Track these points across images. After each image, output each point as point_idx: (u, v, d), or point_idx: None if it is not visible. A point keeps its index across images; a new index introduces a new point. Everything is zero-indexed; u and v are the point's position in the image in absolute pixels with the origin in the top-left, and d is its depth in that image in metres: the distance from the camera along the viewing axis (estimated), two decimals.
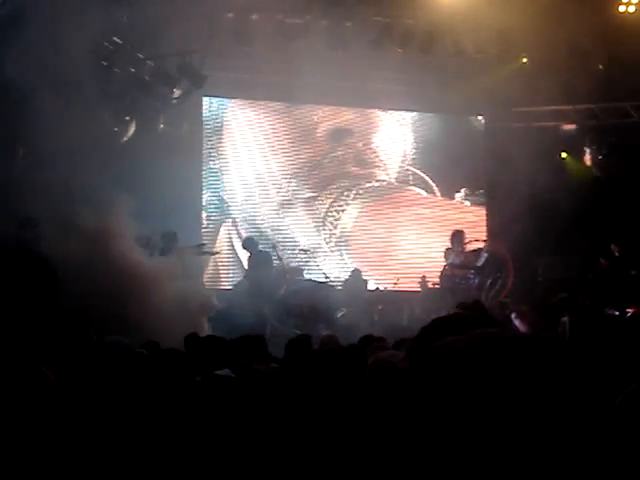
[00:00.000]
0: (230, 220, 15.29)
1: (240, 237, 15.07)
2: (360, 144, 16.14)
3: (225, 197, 15.29)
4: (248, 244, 13.69)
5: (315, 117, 15.93)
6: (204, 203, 15.06)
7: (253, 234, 14.75)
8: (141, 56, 12.81)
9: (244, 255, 14.18)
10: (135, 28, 12.16)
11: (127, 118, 13.22)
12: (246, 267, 13.83)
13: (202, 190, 15.04)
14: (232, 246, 15.16)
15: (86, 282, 9.54)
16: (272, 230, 15.09)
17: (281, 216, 15.47)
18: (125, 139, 13.08)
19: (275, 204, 15.51)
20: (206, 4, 12.70)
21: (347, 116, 16.13)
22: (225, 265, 15.01)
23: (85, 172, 10.23)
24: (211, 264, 14.72)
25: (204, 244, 13.82)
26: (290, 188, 15.64)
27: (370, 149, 16.22)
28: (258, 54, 13.68)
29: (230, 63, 14.07)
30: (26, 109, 10.43)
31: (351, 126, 16.16)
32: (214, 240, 15.01)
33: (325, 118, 15.99)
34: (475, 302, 10.23)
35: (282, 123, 15.75)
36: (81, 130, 10.46)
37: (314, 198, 15.70)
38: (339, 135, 16.02)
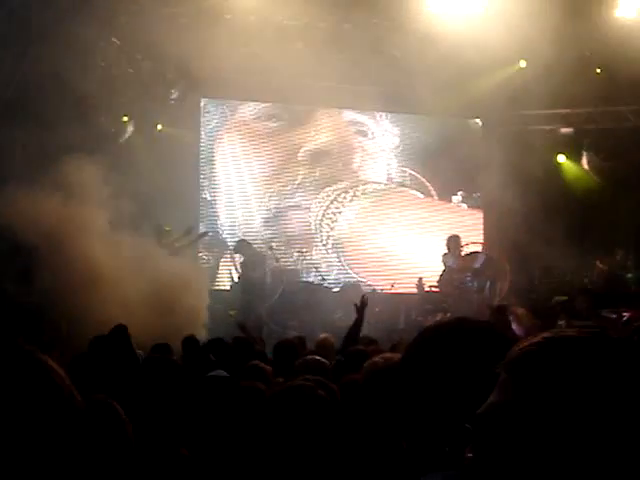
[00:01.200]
0: (227, 221, 15.28)
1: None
2: (356, 146, 16.15)
3: (222, 198, 15.28)
4: (239, 248, 13.62)
5: (312, 117, 15.95)
6: (201, 204, 15.04)
7: (249, 236, 14.76)
8: (139, 57, 12.80)
9: (237, 258, 14.21)
10: (133, 29, 12.16)
11: (125, 119, 13.22)
12: (239, 270, 13.78)
13: (199, 191, 15.03)
14: (227, 247, 15.14)
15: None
16: (269, 231, 15.06)
17: (278, 217, 15.46)
18: (123, 140, 13.08)
19: (272, 205, 15.50)
20: (204, 5, 12.70)
21: (349, 117, 16.17)
22: (221, 266, 14.96)
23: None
24: (207, 264, 14.67)
25: (192, 228, 13.64)
26: (287, 190, 15.63)
27: (366, 152, 16.23)
28: (256, 56, 13.66)
29: (228, 65, 14.06)
30: (25, 109, 10.46)
31: (347, 128, 16.19)
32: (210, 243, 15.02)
33: (321, 118, 16.02)
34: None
35: (277, 125, 15.75)
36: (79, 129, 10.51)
37: (311, 200, 15.70)
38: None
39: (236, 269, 13.65)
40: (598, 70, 14.42)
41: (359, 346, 5.74)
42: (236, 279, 13.72)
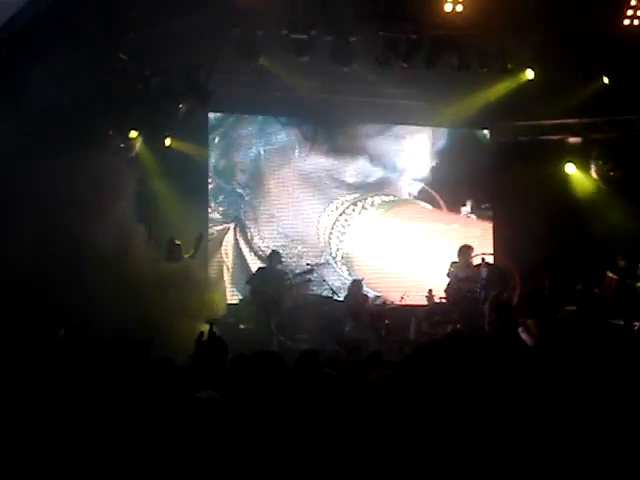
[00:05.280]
0: (237, 235, 15.31)
1: (252, 248, 15.18)
2: (364, 159, 16.17)
3: (230, 212, 15.31)
4: (274, 256, 13.64)
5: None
6: (210, 217, 15.07)
7: (258, 249, 14.84)
8: (147, 72, 12.86)
9: (254, 264, 14.38)
10: (141, 44, 12.22)
11: (134, 134, 13.28)
12: (251, 276, 13.76)
13: (208, 204, 15.07)
14: (237, 259, 15.17)
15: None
16: (277, 245, 15.06)
17: (287, 230, 15.48)
18: (132, 155, 13.14)
19: (280, 219, 15.52)
20: (212, 20, 12.75)
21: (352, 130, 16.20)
22: (228, 280, 14.96)
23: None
24: (215, 276, 14.69)
25: (202, 235, 13.75)
26: (295, 202, 15.65)
27: (374, 164, 16.24)
28: (263, 70, 13.72)
29: (235, 79, 14.12)
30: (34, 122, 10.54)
31: (357, 140, 16.22)
32: (218, 253, 15.06)
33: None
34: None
35: (285, 137, 15.79)
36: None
37: (320, 213, 15.72)
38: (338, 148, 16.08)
39: (249, 281, 13.64)
40: (606, 79, 14.41)
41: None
42: (248, 292, 13.68)
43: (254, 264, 14.80)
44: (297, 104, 14.94)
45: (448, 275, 13.46)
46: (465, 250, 13.62)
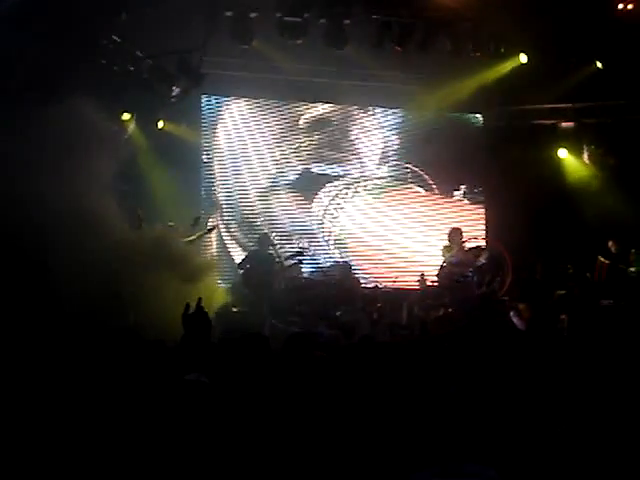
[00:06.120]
0: (226, 218, 15.30)
1: (234, 236, 15.15)
2: (356, 141, 16.16)
3: (221, 195, 15.29)
4: (264, 240, 13.60)
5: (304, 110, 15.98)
6: (202, 200, 15.05)
7: (249, 232, 14.83)
8: (140, 54, 12.81)
9: (239, 252, 14.33)
10: (134, 26, 12.17)
11: (126, 116, 13.24)
12: (242, 260, 13.74)
13: (200, 188, 15.05)
14: (224, 245, 15.17)
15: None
16: (269, 228, 15.07)
17: (278, 214, 15.48)
18: (125, 137, 13.10)
19: (272, 202, 15.52)
20: (205, 2, 12.71)
21: (343, 111, 16.19)
22: (218, 263, 14.93)
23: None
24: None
25: (199, 218, 13.57)
26: (287, 186, 15.65)
27: (366, 149, 16.23)
28: (257, 52, 13.69)
29: (229, 61, 14.09)
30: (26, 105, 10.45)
31: (348, 123, 16.21)
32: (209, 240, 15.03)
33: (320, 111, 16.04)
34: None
35: (277, 118, 15.76)
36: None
37: (312, 196, 15.71)
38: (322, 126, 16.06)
39: (241, 265, 13.62)
40: (599, 64, 14.41)
41: None
42: (239, 275, 13.66)
43: (240, 252, 14.83)
44: (290, 87, 14.92)
45: (443, 261, 13.45)
46: (455, 233, 13.62)
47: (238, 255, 14.73)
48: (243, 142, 15.53)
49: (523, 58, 14.42)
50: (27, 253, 9.37)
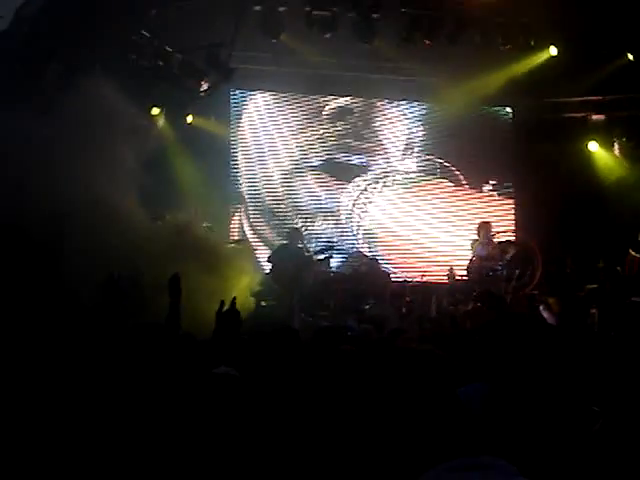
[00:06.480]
0: (251, 212, 15.35)
1: (258, 231, 15.21)
2: (381, 132, 16.15)
3: (247, 187, 15.35)
4: (294, 234, 13.62)
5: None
6: (231, 195, 15.12)
7: (275, 226, 14.90)
8: (169, 49, 12.88)
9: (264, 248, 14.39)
10: (163, 21, 12.23)
11: (156, 111, 13.32)
12: (271, 254, 13.78)
13: (229, 182, 15.11)
14: (256, 238, 15.23)
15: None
16: (299, 222, 15.10)
17: (308, 208, 15.50)
18: (155, 132, 13.16)
19: (301, 196, 15.55)
20: None
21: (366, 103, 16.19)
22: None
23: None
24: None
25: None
26: (316, 180, 15.67)
27: (393, 142, 16.21)
28: (285, 46, 13.71)
29: (257, 56, 14.12)
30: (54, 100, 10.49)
31: (372, 113, 16.21)
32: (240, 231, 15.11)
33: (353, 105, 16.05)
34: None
35: (303, 108, 15.78)
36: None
37: (342, 190, 15.72)
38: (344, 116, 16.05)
39: (270, 259, 13.66)
40: (630, 56, 14.28)
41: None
42: (269, 269, 13.70)
43: (263, 246, 14.90)
44: (318, 80, 14.94)
45: (472, 255, 13.41)
46: (484, 227, 13.56)
47: (263, 250, 14.78)
48: (268, 133, 15.58)
49: (553, 51, 14.33)
50: (41, 244, 9.02)
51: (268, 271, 13.68)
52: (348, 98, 15.96)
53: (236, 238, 13.57)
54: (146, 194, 10.68)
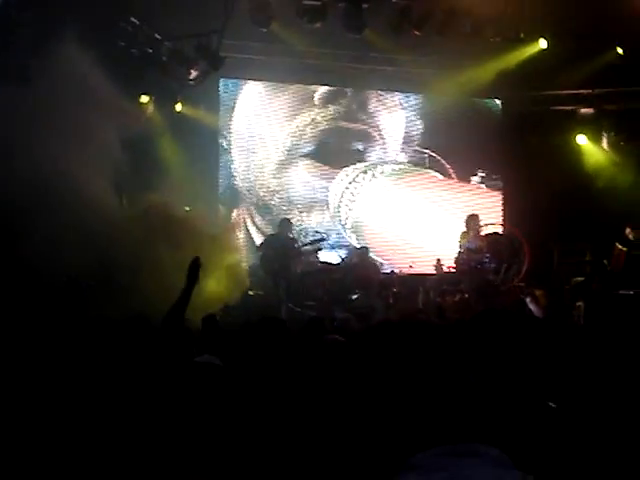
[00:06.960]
0: (245, 202, 15.33)
1: (253, 219, 15.18)
2: (376, 125, 16.14)
3: (240, 178, 15.32)
4: (284, 224, 13.59)
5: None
6: (220, 184, 15.09)
7: (266, 216, 14.88)
8: (158, 37, 12.82)
9: (259, 234, 14.36)
10: (153, 9, 12.17)
11: (145, 99, 13.26)
12: (260, 243, 13.76)
13: (218, 171, 15.08)
14: (246, 229, 15.21)
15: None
16: (286, 212, 15.09)
17: (296, 197, 15.49)
18: (143, 120, 13.10)
19: (289, 186, 15.53)
20: None
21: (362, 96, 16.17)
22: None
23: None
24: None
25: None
26: (305, 170, 15.65)
27: (385, 131, 16.21)
28: (275, 36, 13.67)
29: (247, 45, 14.08)
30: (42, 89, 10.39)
31: (372, 100, 16.20)
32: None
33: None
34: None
35: (295, 95, 15.75)
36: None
37: (329, 180, 15.71)
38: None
39: (259, 248, 13.64)
40: (619, 50, 14.31)
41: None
42: (258, 259, 13.68)
43: (259, 236, 14.89)
44: (308, 70, 14.91)
45: (460, 247, 13.43)
46: (472, 219, 13.58)
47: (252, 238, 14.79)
48: (258, 122, 15.54)
49: (543, 43, 14.32)
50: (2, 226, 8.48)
51: (257, 260, 13.69)
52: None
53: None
54: (123, 179, 10.43)
